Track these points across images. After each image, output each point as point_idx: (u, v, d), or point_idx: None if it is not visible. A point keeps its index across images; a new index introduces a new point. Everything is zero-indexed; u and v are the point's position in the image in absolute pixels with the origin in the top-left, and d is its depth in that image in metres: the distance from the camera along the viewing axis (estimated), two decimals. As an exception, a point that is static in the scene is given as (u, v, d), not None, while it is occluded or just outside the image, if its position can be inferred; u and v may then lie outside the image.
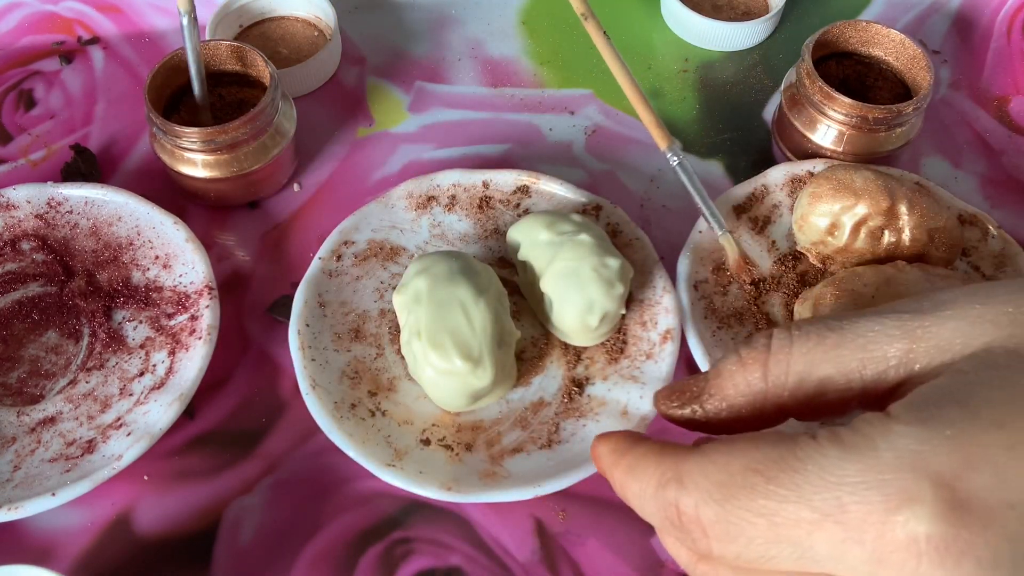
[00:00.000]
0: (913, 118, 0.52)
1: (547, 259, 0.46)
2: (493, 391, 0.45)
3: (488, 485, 0.43)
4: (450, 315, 0.43)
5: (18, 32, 0.63)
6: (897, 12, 0.64)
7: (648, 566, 0.44)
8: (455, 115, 0.59)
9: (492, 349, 0.43)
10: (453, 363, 0.43)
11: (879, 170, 0.49)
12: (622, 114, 0.59)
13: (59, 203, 0.52)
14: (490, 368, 0.43)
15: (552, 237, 0.46)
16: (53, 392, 0.47)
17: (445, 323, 0.43)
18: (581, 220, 0.47)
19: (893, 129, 0.52)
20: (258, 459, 0.47)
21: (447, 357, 0.43)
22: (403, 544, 0.45)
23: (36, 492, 0.42)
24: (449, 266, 0.45)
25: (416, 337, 0.44)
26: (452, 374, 0.43)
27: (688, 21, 0.61)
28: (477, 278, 0.45)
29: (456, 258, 0.45)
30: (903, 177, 0.52)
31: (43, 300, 0.50)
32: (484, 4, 0.64)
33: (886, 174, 0.48)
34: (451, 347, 0.43)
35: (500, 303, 0.45)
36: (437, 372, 0.43)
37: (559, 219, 0.47)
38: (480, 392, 0.44)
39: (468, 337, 0.43)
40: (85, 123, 0.58)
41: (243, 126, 0.51)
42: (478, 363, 0.43)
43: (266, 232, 0.54)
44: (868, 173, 0.47)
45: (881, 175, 0.48)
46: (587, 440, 0.44)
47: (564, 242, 0.46)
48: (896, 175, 0.51)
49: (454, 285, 0.44)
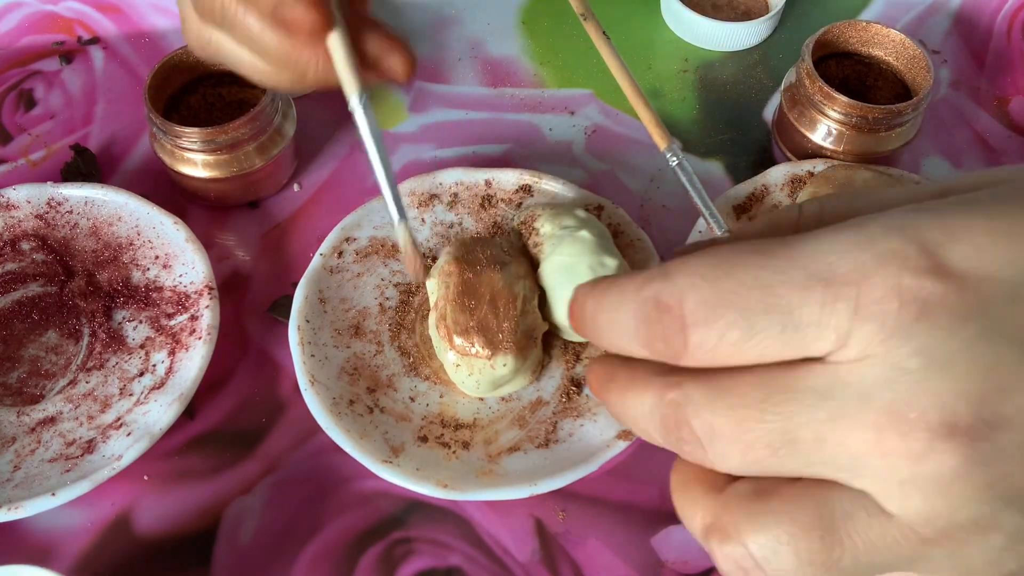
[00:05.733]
0: (913, 118, 0.52)
1: (546, 252, 0.46)
2: (514, 379, 0.45)
3: (485, 483, 0.43)
4: (477, 301, 0.44)
5: (18, 32, 0.63)
6: (897, 12, 0.64)
7: (648, 566, 0.44)
8: (455, 115, 0.59)
9: (516, 339, 0.44)
10: (475, 349, 0.43)
11: (879, 170, 0.49)
12: (622, 114, 0.59)
13: (59, 203, 0.52)
14: (512, 358, 0.44)
15: (554, 230, 0.46)
16: (53, 392, 0.47)
17: (471, 309, 0.44)
18: (586, 216, 0.47)
19: (893, 129, 0.52)
20: (258, 459, 0.47)
21: (469, 343, 0.43)
22: (403, 544, 0.45)
23: (36, 492, 0.42)
24: (483, 253, 0.45)
25: (442, 320, 0.44)
26: (473, 360, 0.44)
27: (688, 21, 0.61)
28: (508, 268, 0.45)
29: (489, 246, 0.46)
30: (903, 177, 0.52)
31: (43, 300, 0.50)
32: (484, 4, 0.64)
33: (886, 174, 0.48)
34: (474, 333, 0.43)
35: (530, 293, 0.46)
36: (458, 356, 0.44)
37: (564, 213, 0.47)
38: (500, 380, 0.44)
39: (492, 324, 0.44)
40: (85, 123, 0.58)
41: (243, 126, 0.51)
42: (498, 350, 0.43)
43: (266, 232, 0.54)
44: (868, 173, 0.47)
45: (881, 175, 0.48)
46: (584, 440, 0.44)
47: (564, 236, 0.46)
48: (896, 175, 0.51)
49: (485, 272, 0.45)
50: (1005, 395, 0.22)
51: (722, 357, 0.25)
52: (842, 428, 0.24)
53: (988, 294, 0.23)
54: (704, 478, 0.28)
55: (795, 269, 0.24)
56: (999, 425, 0.22)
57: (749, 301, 0.24)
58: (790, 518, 0.25)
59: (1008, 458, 0.22)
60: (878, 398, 0.23)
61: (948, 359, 0.22)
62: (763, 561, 0.26)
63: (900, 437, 0.23)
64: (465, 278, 0.45)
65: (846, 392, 0.24)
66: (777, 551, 0.25)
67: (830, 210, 0.28)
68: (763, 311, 0.24)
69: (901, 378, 0.23)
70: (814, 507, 0.25)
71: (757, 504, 0.26)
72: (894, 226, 0.24)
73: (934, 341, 0.23)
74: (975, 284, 0.23)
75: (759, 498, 0.26)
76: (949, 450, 0.23)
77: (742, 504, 0.26)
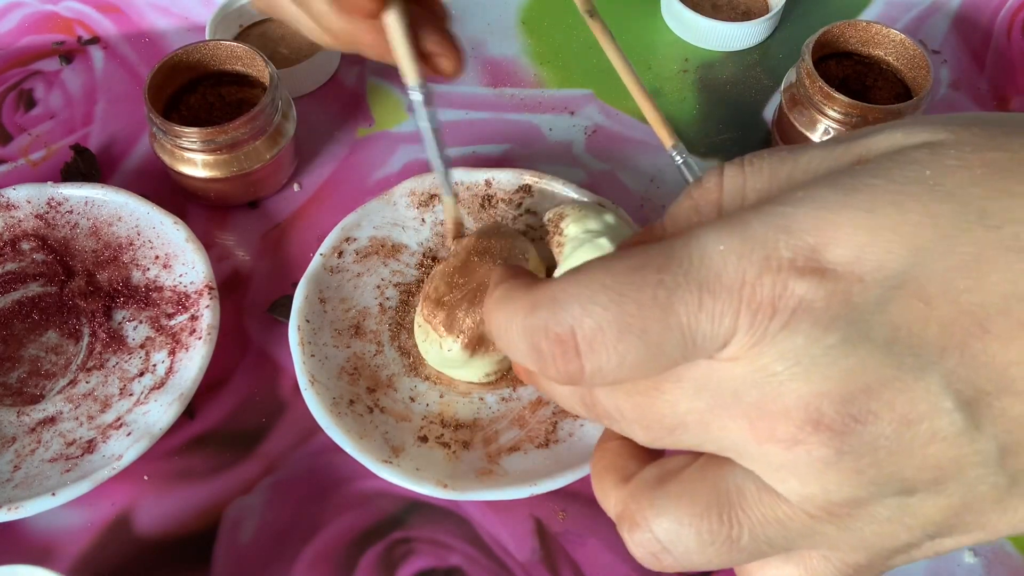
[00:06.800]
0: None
1: (565, 254, 0.46)
2: (464, 368, 0.46)
3: (484, 483, 0.43)
4: (465, 284, 0.45)
5: (18, 32, 0.63)
6: (897, 12, 0.64)
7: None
8: (455, 115, 0.59)
9: (473, 335, 0.44)
10: (435, 321, 0.45)
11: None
12: (622, 114, 0.59)
13: (59, 203, 0.52)
14: (459, 348, 0.44)
15: (577, 233, 0.46)
16: (53, 392, 0.47)
17: (456, 286, 0.45)
18: (615, 222, 0.47)
19: (893, 129, 0.52)
20: (258, 459, 0.47)
21: (433, 313, 0.45)
22: (403, 544, 0.45)
23: (36, 492, 0.42)
24: (498, 244, 0.46)
25: (431, 282, 0.46)
26: (429, 329, 0.45)
27: (688, 21, 0.61)
28: (509, 259, 0.46)
29: (510, 243, 0.46)
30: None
31: (43, 300, 0.50)
32: (484, 4, 0.64)
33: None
34: (443, 308, 0.45)
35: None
36: (422, 319, 0.46)
37: (591, 216, 0.47)
38: (447, 361, 0.46)
39: (461, 310, 0.44)
40: (85, 123, 0.58)
41: (243, 126, 0.51)
42: (451, 333, 0.44)
43: (266, 232, 0.54)
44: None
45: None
46: (584, 440, 0.44)
47: (585, 241, 0.45)
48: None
49: (487, 263, 0.45)
50: (870, 393, 0.23)
51: (624, 374, 0.26)
52: (721, 416, 0.25)
53: (858, 299, 0.23)
54: (615, 467, 0.30)
55: (689, 283, 0.24)
56: (865, 420, 0.23)
57: (648, 322, 0.25)
58: (689, 499, 0.27)
59: (877, 448, 0.23)
60: (747, 395, 0.24)
61: (810, 363, 0.23)
62: (669, 544, 0.27)
63: (769, 428, 0.24)
64: (470, 258, 0.45)
65: (721, 386, 0.25)
66: (679, 533, 0.27)
67: (751, 183, 0.28)
68: (664, 331, 0.25)
69: (768, 380, 0.24)
70: (710, 488, 0.27)
71: (659, 490, 0.28)
72: (778, 227, 0.24)
73: (797, 348, 0.24)
74: (846, 288, 0.23)
75: (660, 484, 0.28)
76: (817, 442, 0.24)
77: (645, 491, 0.28)
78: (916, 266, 0.23)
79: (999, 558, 0.44)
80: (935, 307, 0.23)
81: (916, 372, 0.23)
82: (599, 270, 0.25)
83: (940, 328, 0.23)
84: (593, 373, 0.26)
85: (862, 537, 0.26)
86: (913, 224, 0.23)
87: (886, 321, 0.23)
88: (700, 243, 0.25)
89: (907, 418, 0.23)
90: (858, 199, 0.24)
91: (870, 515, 0.25)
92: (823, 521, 0.25)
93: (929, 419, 0.23)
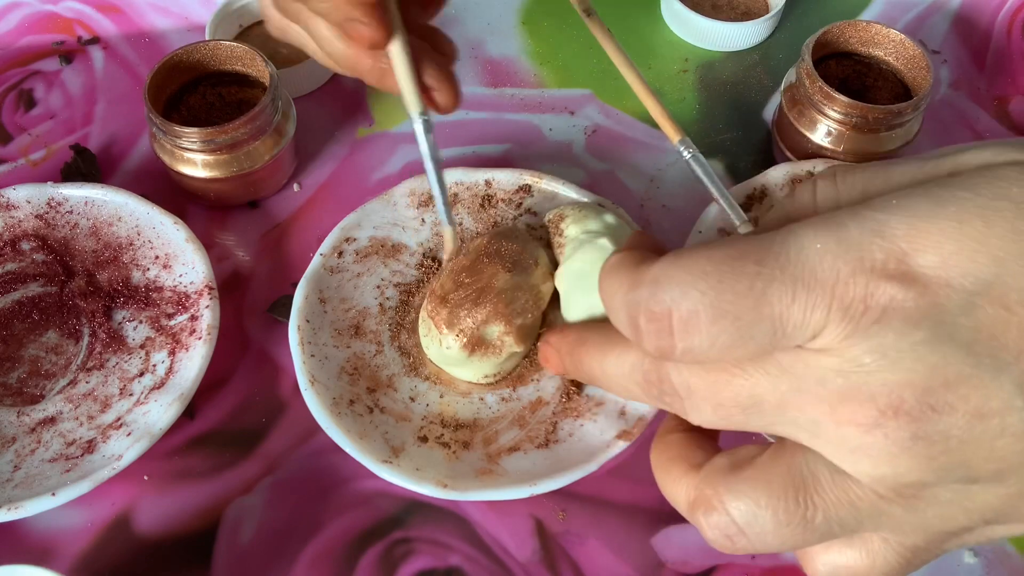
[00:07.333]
0: (913, 118, 0.52)
1: (567, 255, 0.46)
2: (462, 367, 0.46)
3: (484, 483, 0.43)
4: (471, 283, 0.44)
5: (18, 32, 0.63)
6: (897, 12, 0.64)
7: (648, 566, 0.44)
8: (455, 115, 0.58)
9: (470, 335, 0.44)
10: (438, 317, 0.45)
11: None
12: (622, 114, 0.59)
13: (59, 203, 0.52)
14: (457, 345, 0.44)
15: (578, 234, 0.46)
16: (53, 392, 0.47)
17: (462, 284, 0.45)
18: (615, 223, 0.46)
19: (893, 129, 0.52)
20: (258, 459, 0.47)
21: (436, 309, 0.45)
22: (403, 544, 0.45)
23: (36, 492, 0.42)
24: (508, 248, 0.46)
25: (438, 277, 0.46)
26: (431, 324, 0.45)
27: (688, 21, 0.61)
28: (519, 275, 0.45)
29: (520, 247, 0.46)
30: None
31: (43, 300, 0.50)
32: (484, 4, 0.64)
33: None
34: (446, 305, 0.44)
35: (520, 311, 0.45)
36: (426, 313, 0.46)
37: (590, 216, 0.47)
38: (445, 358, 0.45)
39: (464, 309, 0.44)
40: (85, 123, 0.58)
41: (243, 126, 0.51)
42: (450, 330, 0.44)
43: (266, 232, 0.54)
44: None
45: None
46: (584, 440, 0.44)
47: (585, 242, 0.45)
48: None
49: (496, 265, 0.45)
50: (949, 387, 0.25)
51: (713, 355, 0.28)
52: (801, 399, 0.27)
53: (944, 302, 0.25)
54: (682, 457, 0.32)
55: (784, 276, 0.26)
56: (942, 410, 0.25)
57: (743, 310, 0.26)
58: (766, 483, 0.28)
59: (949, 437, 0.25)
60: (832, 382, 0.26)
61: (897, 357, 0.25)
62: (745, 525, 0.29)
63: (851, 412, 0.26)
64: (480, 259, 0.45)
65: (807, 373, 0.27)
66: (757, 514, 0.28)
67: (846, 195, 0.30)
68: (756, 320, 0.26)
69: (856, 370, 0.26)
70: (785, 471, 0.28)
71: (734, 475, 0.29)
72: (873, 231, 0.26)
73: (887, 342, 0.25)
74: (934, 292, 0.25)
75: (735, 469, 0.30)
76: (895, 426, 0.26)
77: (721, 477, 0.30)
78: (999, 276, 0.25)
79: (999, 558, 0.44)
80: (1015, 314, 0.25)
81: (993, 372, 0.25)
82: (701, 257, 0.27)
83: (1019, 333, 0.25)
84: (685, 351, 0.28)
85: (924, 519, 0.28)
86: (998, 237, 0.25)
87: (969, 324, 0.25)
88: (798, 240, 0.27)
89: (980, 412, 0.25)
90: (948, 211, 0.26)
91: (934, 497, 0.27)
92: (891, 502, 0.27)
93: (1000, 415, 0.25)
